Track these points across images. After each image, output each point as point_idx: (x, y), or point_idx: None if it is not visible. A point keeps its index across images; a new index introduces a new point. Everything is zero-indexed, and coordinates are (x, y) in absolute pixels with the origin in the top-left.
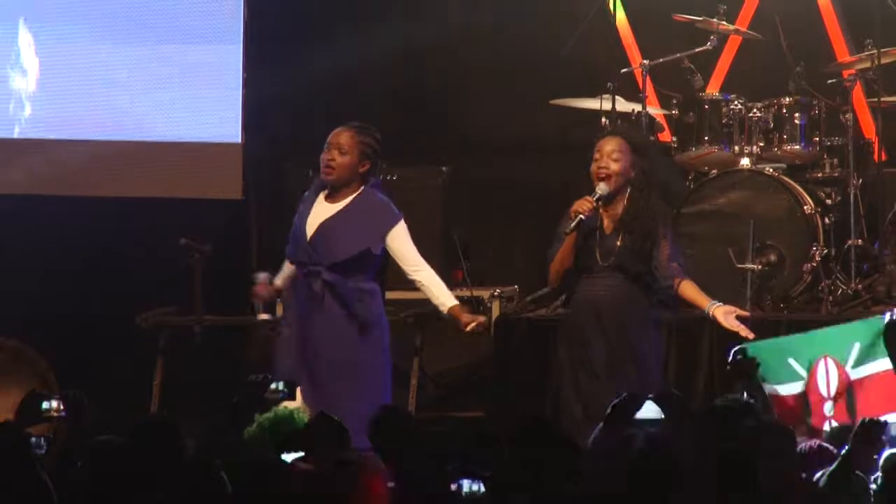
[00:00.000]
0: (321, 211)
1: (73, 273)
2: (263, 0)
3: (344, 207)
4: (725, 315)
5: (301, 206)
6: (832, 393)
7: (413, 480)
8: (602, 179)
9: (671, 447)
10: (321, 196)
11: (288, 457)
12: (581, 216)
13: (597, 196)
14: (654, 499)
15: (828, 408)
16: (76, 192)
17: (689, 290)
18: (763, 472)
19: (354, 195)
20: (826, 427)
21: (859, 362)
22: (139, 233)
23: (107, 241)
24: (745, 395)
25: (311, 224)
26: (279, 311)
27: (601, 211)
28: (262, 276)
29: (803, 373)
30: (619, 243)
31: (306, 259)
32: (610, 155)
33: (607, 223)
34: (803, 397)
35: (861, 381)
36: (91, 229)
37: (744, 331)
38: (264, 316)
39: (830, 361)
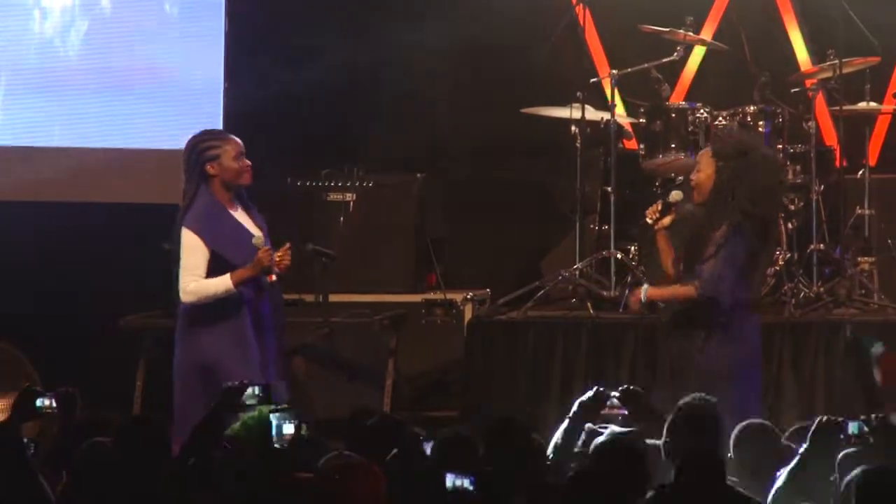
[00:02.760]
0: (241, 217)
1: (59, 277)
2: (243, 8)
3: (248, 212)
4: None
5: (216, 216)
6: None
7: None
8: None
9: (634, 445)
10: (221, 203)
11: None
12: (647, 221)
13: (667, 202)
14: (619, 496)
15: None
16: (63, 197)
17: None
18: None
19: (238, 200)
20: None
21: None
22: (123, 237)
23: (91, 246)
24: None
25: (252, 229)
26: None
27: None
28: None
29: None
30: (683, 252)
31: None
32: (696, 165)
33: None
34: None
35: None
36: (76, 234)
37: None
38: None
39: None
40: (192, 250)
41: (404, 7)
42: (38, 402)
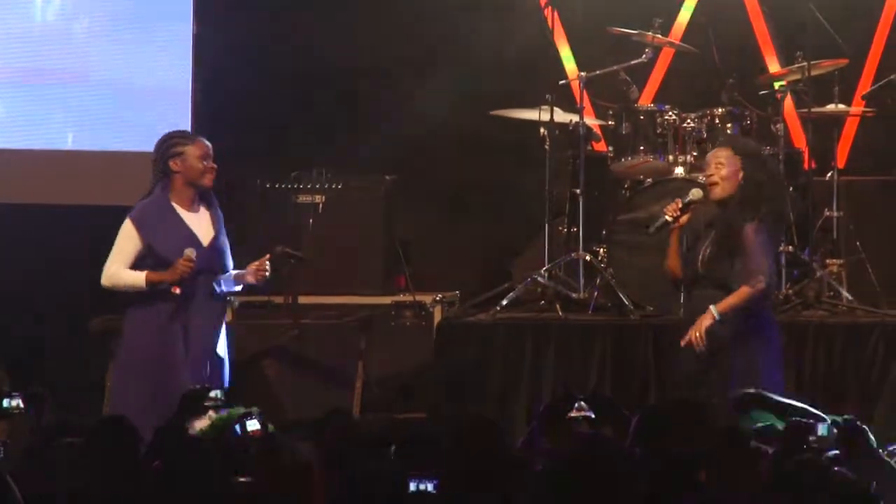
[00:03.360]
0: (197, 219)
1: (26, 279)
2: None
3: (210, 214)
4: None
5: (161, 214)
6: None
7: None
8: (711, 186)
9: (605, 448)
10: (174, 204)
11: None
12: (666, 219)
13: (687, 200)
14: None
15: None
16: (29, 199)
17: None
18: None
19: (202, 201)
20: None
21: None
22: (92, 239)
23: (60, 248)
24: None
25: (199, 231)
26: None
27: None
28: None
29: None
30: (707, 251)
31: (206, 265)
32: (716, 163)
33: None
34: None
35: None
36: (46, 236)
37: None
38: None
39: None
40: (125, 239)
41: (374, 9)
42: (6, 403)
